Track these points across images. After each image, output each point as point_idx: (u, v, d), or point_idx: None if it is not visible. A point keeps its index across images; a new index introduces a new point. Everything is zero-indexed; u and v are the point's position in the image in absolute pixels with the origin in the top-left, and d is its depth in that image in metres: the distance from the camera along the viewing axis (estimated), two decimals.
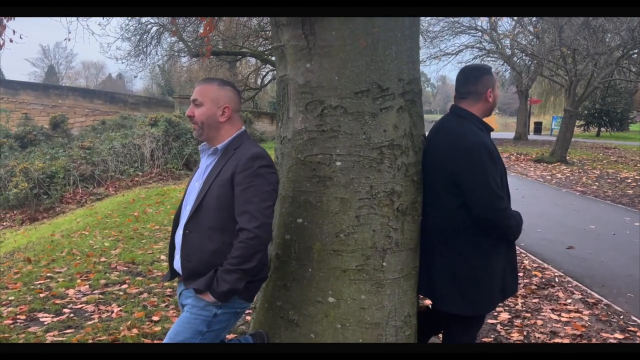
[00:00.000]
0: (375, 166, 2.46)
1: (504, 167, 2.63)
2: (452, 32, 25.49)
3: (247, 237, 2.08)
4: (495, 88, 2.59)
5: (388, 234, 2.49)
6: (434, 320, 2.85)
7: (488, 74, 2.60)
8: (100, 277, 5.23)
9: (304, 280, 2.49)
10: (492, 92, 2.58)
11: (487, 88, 2.56)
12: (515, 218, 2.55)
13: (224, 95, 2.28)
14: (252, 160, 2.16)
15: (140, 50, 23.43)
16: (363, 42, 2.41)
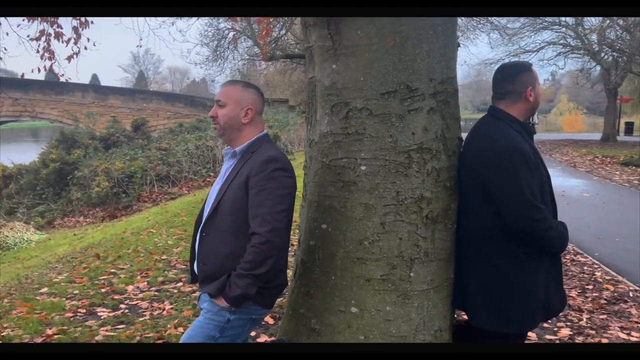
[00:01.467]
0: (403, 171, 2.33)
1: (546, 173, 2.42)
2: (533, 28, 24.32)
3: (258, 242, 2.04)
4: (536, 86, 2.38)
5: (416, 243, 2.35)
6: (470, 335, 2.68)
7: (527, 71, 2.39)
8: (158, 275, 5.41)
9: (327, 288, 2.42)
10: (533, 91, 2.37)
11: (526, 86, 2.36)
12: (556, 229, 2.33)
13: (247, 96, 2.25)
14: (266, 163, 2.11)
15: (218, 55, 24.28)
16: (390, 41, 2.30)
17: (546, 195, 2.39)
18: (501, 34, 22.04)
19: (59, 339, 3.82)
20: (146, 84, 76.94)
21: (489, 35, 22.33)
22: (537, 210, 2.25)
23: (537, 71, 2.46)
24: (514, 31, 23.77)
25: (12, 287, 5.74)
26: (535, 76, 2.39)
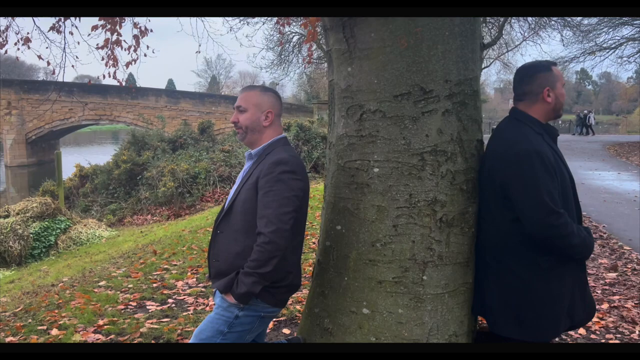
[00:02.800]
0: (416, 173, 2.32)
1: (569, 177, 2.32)
2: (612, 24, 22.99)
3: (262, 242, 2.10)
4: (556, 86, 2.29)
5: (429, 246, 2.33)
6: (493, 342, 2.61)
7: (545, 72, 2.31)
8: (207, 272, 5.60)
9: (340, 289, 2.44)
10: (552, 92, 2.29)
11: (542, 87, 2.28)
12: (579, 236, 2.23)
13: (266, 100, 2.33)
14: (274, 166, 2.18)
15: (282, 59, 24.72)
16: (404, 43, 2.30)
17: (569, 200, 2.30)
18: (574, 32, 21.00)
19: (108, 330, 4.06)
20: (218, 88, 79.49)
21: (561, 33, 21.32)
22: (557, 215, 2.17)
23: (621, 68, 2.36)
24: (589, 27, 22.60)
25: (76, 279, 6.14)
26: (556, 76, 2.31)
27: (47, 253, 10.15)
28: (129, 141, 15.46)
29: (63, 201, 12.95)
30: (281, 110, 2.40)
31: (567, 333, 3.87)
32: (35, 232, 10.16)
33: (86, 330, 4.09)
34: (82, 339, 3.92)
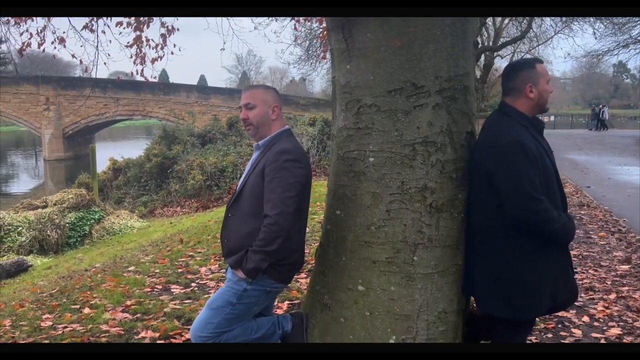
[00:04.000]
0: (407, 162, 2.52)
1: (553, 168, 2.49)
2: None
3: (268, 223, 2.35)
4: (539, 83, 2.46)
5: (420, 229, 2.54)
6: (486, 324, 2.79)
7: (528, 68, 2.48)
8: None
9: (338, 268, 2.66)
10: (535, 88, 2.45)
11: (525, 83, 2.45)
12: (559, 221, 2.40)
13: (271, 96, 2.57)
14: (279, 155, 2.42)
15: (310, 54, 24.95)
16: (398, 43, 2.50)
17: (552, 189, 2.46)
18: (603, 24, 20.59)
19: (134, 309, 4.38)
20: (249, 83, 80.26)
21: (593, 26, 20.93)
22: (537, 201, 2.34)
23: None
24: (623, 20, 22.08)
25: (107, 265, 6.53)
26: (539, 73, 2.47)
27: (82, 242, 10.66)
28: (160, 136, 15.98)
29: (97, 193, 13.51)
30: (282, 104, 2.64)
31: (570, 324, 4.01)
32: (71, 222, 10.68)
33: (115, 310, 4.42)
34: (110, 316, 4.25)
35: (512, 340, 2.62)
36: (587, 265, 5.61)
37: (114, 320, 4.17)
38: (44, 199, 11.25)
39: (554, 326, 3.95)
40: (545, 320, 4.03)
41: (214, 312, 2.46)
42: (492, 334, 2.80)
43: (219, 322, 2.44)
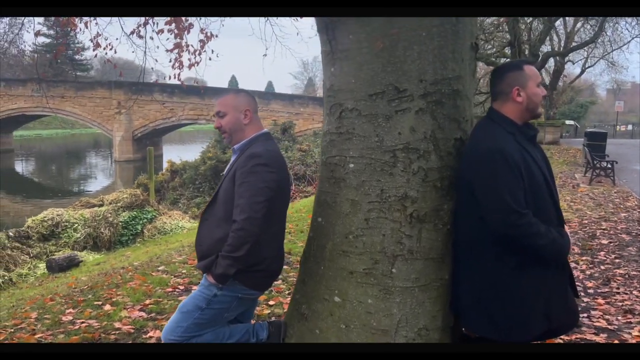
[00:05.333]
0: (387, 169, 2.41)
1: (544, 178, 2.29)
2: None
3: (235, 228, 2.31)
4: (528, 86, 2.27)
5: (399, 240, 2.41)
6: None
7: (514, 71, 2.30)
8: None
9: (317, 277, 2.58)
10: (523, 91, 2.27)
11: (512, 87, 2.28)
12: (547, 237, 2.20)
13: (241, 101, 2.54)
14: (249, 159, 2.37)
15: None
16: (380, 44, 2.40)
17: (541, 201, 2.27)
18: None
19: (151, 308, 4.47)
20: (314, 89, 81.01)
21: None
22: (518, 215, 2.17)
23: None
24: None
25: (141, 263, 6.72)
26: (528, 75, 2.29)
27: (133, 240, 11.08)
28: (216, 139, 16.37)
29: (154, 194, 14.01)
30: (256, 107, 2.59)
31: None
32: (124, 220, 11.12)
33: (133, 308, 4.53)
34: (127, 314, 4.36)
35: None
36: (633, 285, 5.18)
37: (128, 318, 4.27)
38: (101, 198, 11.80)
39: None
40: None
41: (184, 315, 2.45)
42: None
43: (188, 326, 2.43)
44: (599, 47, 27.64)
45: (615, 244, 6.80)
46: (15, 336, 3.94)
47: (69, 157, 41.21)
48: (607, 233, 7.39)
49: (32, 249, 9.38)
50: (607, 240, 6.94)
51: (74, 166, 36.68)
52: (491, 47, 23.40)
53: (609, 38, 25.57)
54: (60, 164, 37.49)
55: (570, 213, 8.91)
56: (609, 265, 5.84)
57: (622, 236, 7.20)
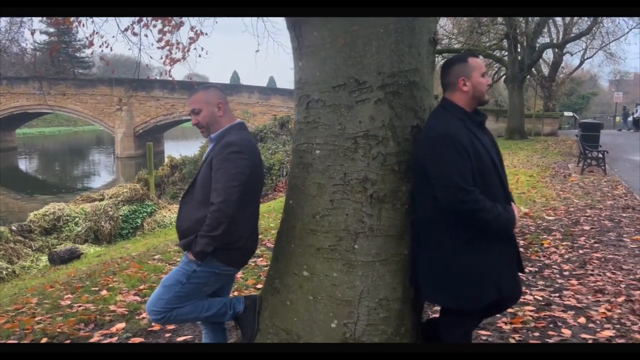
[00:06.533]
0: (350, 155, 2.64)
1: (492, 161, 2.52)
2: None
3: (213, 210, 2.54)
4: (472, 76, 2.50)
5: (361, 219, 2.64)
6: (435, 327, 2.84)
7: (460, 63, 2.53)
8: None
9: (288, 254, 2.82)
10: (468, 81, 2.50)
11: (457, 77, 2.51)
12: (492, 212, 2.43)
13: (212, 95, 2.77)
14: (224, 147, 2.61)
15: None
16: (341, 40, 2.62)
17: (489, 180, 2.50)
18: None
19: (144, 292, 4.73)
20: None
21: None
22: (465, 192, 2.40)
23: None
24: None
25: (139, 254, 6.98)
26: (472, 66, 2.51)
27: (133, 233, 11.34)
28: None
29: (154, 188, 14.26)
30: (227, 99, 2.83)
31: (563, 324, 3.94)
32: (124, 214, 11.38)
33: (128, 292, 4.79)
34: (122, 298, 4.62)
35: (456, 330, 2.67)
36: (607, 268, 5.41)
37: (123, 302, 4.52)
38: (101, 193, 12.06)
39: (545, 325, 3.89)
40: (537, 320, 3.99)
41: (166, 289, 2.69)
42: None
43: (169, 299, 2.67)
44: (597, 39, 27.75)
45: (597, 229, 7.02)
46: (16, 319, 4.21)
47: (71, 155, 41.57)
48: (590, 220, 7.60)
49: (35, 242, 9.65)
50: (589, 227, 7.16)
51: (76, 163, 37.02)
52: (488, 40, 23.53)
53: (607, 29, 25.68)
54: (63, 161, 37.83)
55: (558, 201, 9.13)
56: (588, 250, 6.06)
57: (605, 222, 7.42)
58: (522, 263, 2.77)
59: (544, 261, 5.63)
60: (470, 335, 2.74)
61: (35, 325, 4.01)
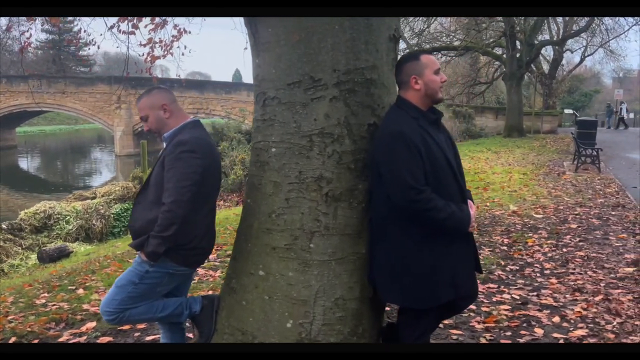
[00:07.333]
0: (305, 153, 2.61)
1: (446, 159, 2.49)
2: None
3: (164, 210, 2.52)
4: (424, 74, 2.47)
5: (316, 218, 2.61)
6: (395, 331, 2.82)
7: (411, 61, 2.50)
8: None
9: (244, 254, 2.79)
10: (420, 79, 2.47)
11: (409, 75, 2.48)
12: (445, 211, 2.40)
13: (155, 98, 2.73)
14: (175, 147, 2.58)
15: None
16: (296, 37, 2.59)
17: (443, 179, 2.46)
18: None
19: None
20: None
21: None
22: (416, 191, 2.36)
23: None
24: None
25: (123, 252, 6.97)
26: (424, 64, 2.48)
27: (125, 232, 11.32)
28: (210, 133, 16.60)
29: None
30: (173, 97, 2.78)
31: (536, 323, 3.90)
32: (116, 212, 11.39)
33: (104, 291, 4.77)
34: (98, 297, 4.60)
35: (412, 330, 2.64)
36: (589, 266, 5.37)
37: (98, 300, 4.50)
38: (93, 191, 12.07)
39: (518, 324, 3.86)
40: (511, 319, 3.95)
41: (119, 289, 2.66)
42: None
43: (122, 299, 2.64)
44: (598, 36, 27.59)
45: (584, 228, 6.98)
46: None
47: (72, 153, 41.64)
48: (578, 218, 7.56)
49: (25, 240, 9.67)
50: (576, 225, 7.12)
51: (76, 161, 37.08)
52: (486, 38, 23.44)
53: (607, 26, 25.53)
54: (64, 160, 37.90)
55: (549, 199, 9.09)
56: (572, 248, 6.02)
57: (592, 220, 7.37)
58: (480, 262, 2.74)
59: (526, 260, 5.59)
60: (427, 337, 2.71)
61: (7, 324, 3.99)
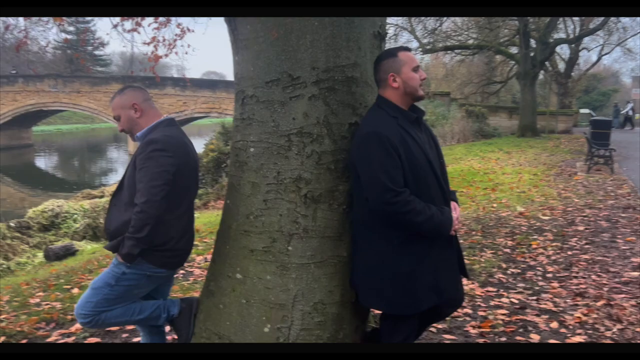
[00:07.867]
0: (283, 153, 2.54)
1: (427, 159, 2.40)
2: None
3: (137, 211, 2.46)
4: (402, 71, 2.37)
5: (295, 220, 2.55)
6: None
7: (389, 58, 2.41)
8: None
9: (222, 256, 2.73)
10: (398, 77, 2.38)
11: (387, 73, 2.39)
12: (424, 213, 2.31)
13: (125, 98, 2.68)
14: (146, 145, 2.53)
15: None
16: (275, 34, 2.52)
17: (423, 181, 2.37)
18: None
19: None
20: None
21: None
22: (393, 193, 2.28)
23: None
24: None
25: None
26: (402, 61, 2.38)
27: None
28: (219, 132, 16.60)
29: None
30: (146, 96, 2.71)
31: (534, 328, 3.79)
32: None
33: None
34: None
35: (393, 336, 2.56)
36: (593, 270, 5.22)
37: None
38: (102, 190, 12.12)
39: (514, 329, 3.75)
40: (508, 324, 3.84)
41: (94, 292, 2.62)
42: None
43: (98, 302, 2.60)
44: (614, 34, 27.12)
45: (591, 230, 6.81)
46: None
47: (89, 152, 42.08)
48: (586, 220, 7.38)
49: (32, 238, 9.73)
50: (583, 227, 6.95)
51: (94, 160, 37.47)
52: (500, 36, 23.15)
53: (624, 24, 25.09)
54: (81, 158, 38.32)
55: (558, 200, 8.90)
56: (577, 251, 5.87)
57: (601, 223, 7.19)
58: (465, 266, 2.64)
59: (528, 262, 5.46)
60: (410, 342, 2.62)
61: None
